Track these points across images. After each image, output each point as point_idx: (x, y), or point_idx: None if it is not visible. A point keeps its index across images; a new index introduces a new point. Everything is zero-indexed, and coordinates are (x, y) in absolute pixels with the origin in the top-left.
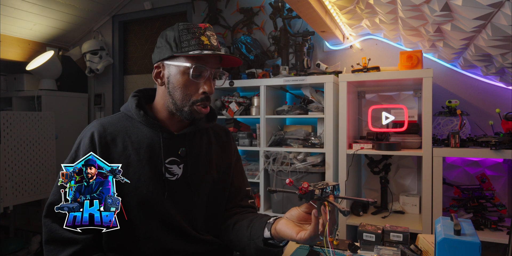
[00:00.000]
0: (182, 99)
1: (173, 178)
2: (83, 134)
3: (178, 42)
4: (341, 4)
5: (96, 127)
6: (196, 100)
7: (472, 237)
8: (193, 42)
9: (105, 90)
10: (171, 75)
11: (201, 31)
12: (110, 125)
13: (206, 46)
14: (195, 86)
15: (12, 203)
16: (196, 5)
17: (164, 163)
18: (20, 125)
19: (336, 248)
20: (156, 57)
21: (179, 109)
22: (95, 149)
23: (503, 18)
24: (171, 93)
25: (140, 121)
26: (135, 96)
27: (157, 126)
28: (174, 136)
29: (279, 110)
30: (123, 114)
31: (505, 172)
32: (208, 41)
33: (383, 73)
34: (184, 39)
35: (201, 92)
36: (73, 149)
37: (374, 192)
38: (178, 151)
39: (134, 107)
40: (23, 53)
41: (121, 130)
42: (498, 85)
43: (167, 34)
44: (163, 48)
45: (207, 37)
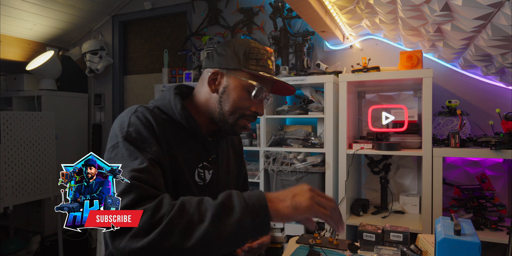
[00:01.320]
0: (231, 111)
1: (201, 183)
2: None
3: (247, 58)
4: (341, 4)
5: (147, 111)
6: (246, 114)
7: (472, 237)
8: (261, 63)
9: (105, 90)
10: (229, 86)
11: (268, 55)
12: (156, 113)
13: (270, 71)
14: (249, 103)
15: (12, 203)
16: (196, 5)
17: (198, 167)
18: (20, 125)
19: (336, 248)
20: (215, 64)
21: (223, 120)
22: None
23: (503, 18)
24: (222, 103)
25: (181, 122)
26: (177, 94)
27: (197, 131)
28: (207, 141)
29: (279, 110)
30: (158, 110)
31: (505, 172)
32: (272, 66)
33: (383, 73)
34: (253, 57)
35: (253, 110)
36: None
37: (374, 192)
38: (209, 157)
39: (180, 108)
40: (23, 53)
41: (165, 123)
42: (498, 85)
43: (236, 46)
44: (228, 58)
45: (271, 61)
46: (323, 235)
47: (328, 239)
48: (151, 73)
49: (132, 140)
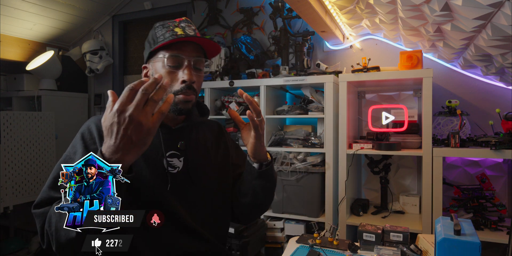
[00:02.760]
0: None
1: (174, 171)
2: (82, 129)
3: (155, 38)
4: (341, 4)
5: (94, 121)
6: (177, 90)
7: (472, 237)
8: (167, 35)
9: (105, 90)
10: (154, 71)
11: (175, 24)
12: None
13: (181, 36)
14: (175, 76)
15: (12, 203)
16: (196, 5)
17: (166, 156)
18: (20, 125)
19: (336, 248)
20: (145, 61)
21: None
22: (94, 142)
23: (503, 18)
24: None
25: None
26: None
27: None
28: (172, 130)
29: (279, 110)
30: None
31: (505, 172)
32: (182, 31)
33: (383, 73)
34: (159, 35)
35: (181, 81)
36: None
37: (374, 192)
38: (177, 145)
39: None
40: (23, 53)
41: None
42: (498, 85)
43: (148, 37)
44: (146, 49)
45: (181, 28)
46: (323, 235)
47: (328, 239)
48: None
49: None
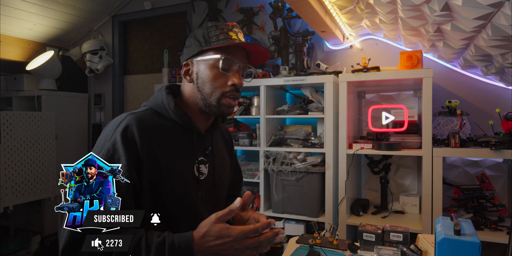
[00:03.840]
0: (211, 92)
1: (202, 178)
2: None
3: (207, 38)
4: (341, 4)
5: (135, 122)
6: (225, 91)
7: (472, 237)
8: (222, 37)
9: (105, 90)
10: (200, 70)
11: (229, 28)
12: (147, 120)
13: (234, 41)
14: (224, 78)
15: (12, 203)
16: (196, 5)
17: (196, 162)
18: (20, 125)
19: (336, 248)
20: (185, 57)
21: (207, 104)
22: (136, 145)
23: (503, 18)
24: (200, 88)
25: (174, 119)
26: (169, 93)
27: (192, 126)
28: (202, 135)
29: (279, 110)
30: (153, 111)
31: (505, 172)
32: (236, 36)
33: (383, 73)
34: (213, 35)
35: (230, 84)
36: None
37: (374, 192)
38: (205, 151)
39: (173, 106)
40: (23, 53)
41: (157, 127)
42: (498, 85)
43: (195, 33)
44: (192, 46)
45: (235, 33)
46: (323, 235)
47: (328, 239)
48: (151, 73)
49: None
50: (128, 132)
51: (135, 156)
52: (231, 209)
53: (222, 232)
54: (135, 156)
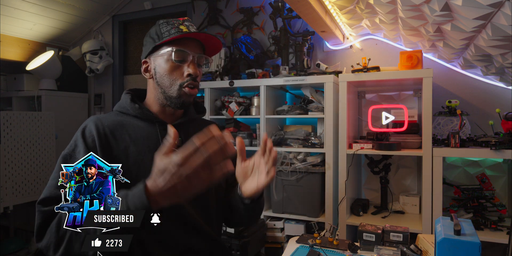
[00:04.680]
0: (169, 84)
1: None
2: (81, 127)
3: (159, 34)
4: (341, 4)
5: (93, 120)
6: (183, 82)
7: (472, 237)
8: (173, 31)
9: (105, 90)
10: (156, 65)
11: (179, 22)
12: (106, 119)
13: (187, 33)
14: (180, 70)
15: (12, 203)
16: (196, 5)
17: None
18: (20, 125)
19: (336, 248)
20: (143, 55)
21: (168, 97)
22: (94, 140)
23: (503, 18)
24: (159, 83)
25: (135, 115)
26: (128, 93)
27: (152, 118)
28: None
29: (279, 110)
30: (117, 112)
31: (505, 172)
32: (187, 29)
33: (383, 73)
34: (164, 30)
35: (186, 74)
36: (71, 142)
37: (374, 192)
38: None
39: (129, 102)
40: (23, 53)
41: (117, 124)
42: (498, 85)
43: (150, 31)
44: (147, 44)
45: (185, 26)
46: (323, 235)
47: (328, 239)
48: None
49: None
50: (86, 129)
51: (93, 148)
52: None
53: (164, 162)
54: (93, 148)
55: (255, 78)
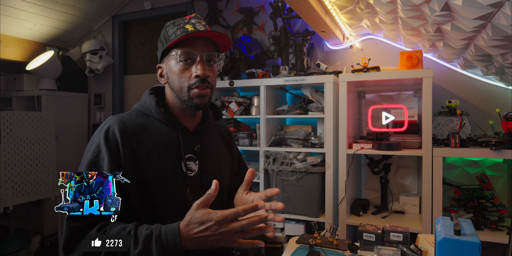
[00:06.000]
0: (179, 88)
1: (191, 174)
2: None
3: (167, 37)
4: (341, 4)
5: (117, 123)
6: (191, 84)
7: (472, 237)
8: (179, 32)
9: (105, 90)
10: (168, 69)
11: (185, 21)
12: (129, 121)
13: (191, 32)
14: (188, 72)
15: (12, 203)
16: (196, 5)
17: (185, 160)
18: (20, 125)
19: (336, 248)
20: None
21: (181, 100)
22: (117, 145)
23: (503, 18)
24: (172, 86)
25: (158, 119)
26: (151, 94)
27: (176, 124)
28: (190, 133)
29: (279, 110)
30: (138, 112)
31: (505, 172)
32: (193, 27)
33: (383, 73)
34: (171, 33)
35: (194, 76)
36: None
37: (374, 192)
38: (194, 148)
39: (155, 105)
40: (23, 53)
41: (140, 127)
42: (498, 85)
43: (160, 36)
44: (159, 49)
45: (192, 24)
46: (323, 235)
47: (328, 239)
48: (151, 73)
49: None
50: (109, 133)
51: (117, 155)
52: (208, 193)
53: (204, 217)
54: (117, 155)
55: (255, 78)
